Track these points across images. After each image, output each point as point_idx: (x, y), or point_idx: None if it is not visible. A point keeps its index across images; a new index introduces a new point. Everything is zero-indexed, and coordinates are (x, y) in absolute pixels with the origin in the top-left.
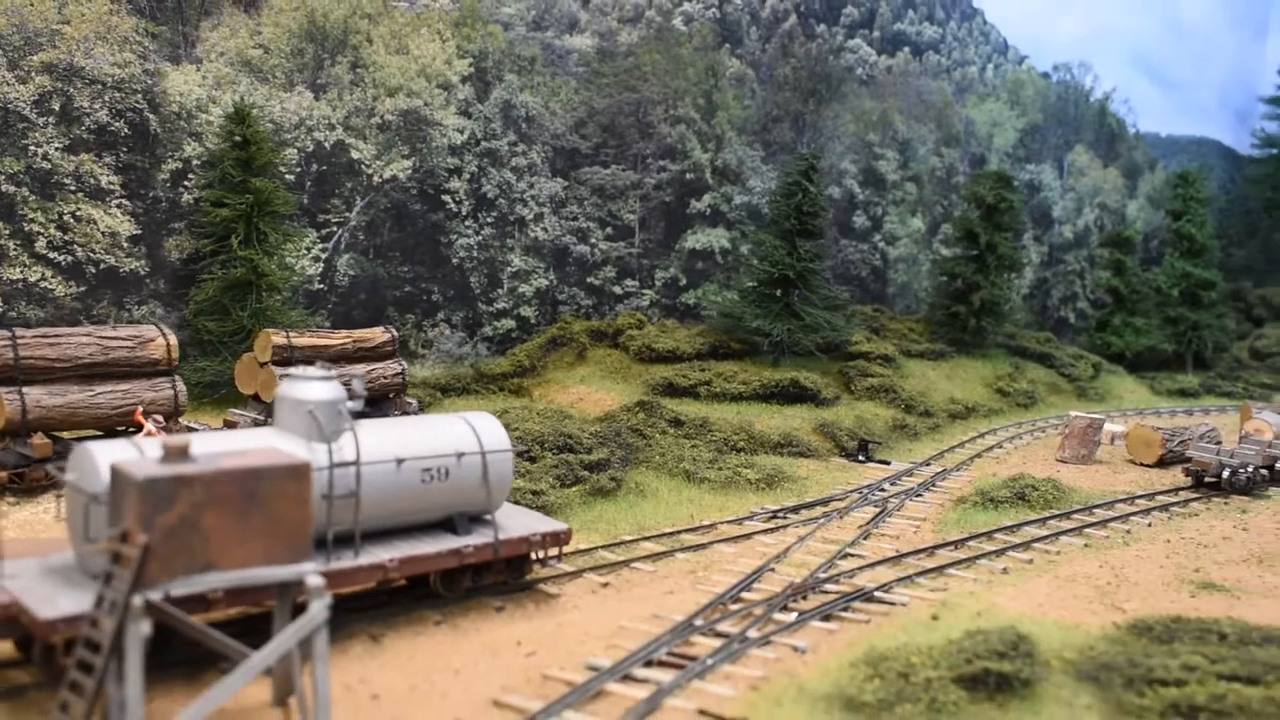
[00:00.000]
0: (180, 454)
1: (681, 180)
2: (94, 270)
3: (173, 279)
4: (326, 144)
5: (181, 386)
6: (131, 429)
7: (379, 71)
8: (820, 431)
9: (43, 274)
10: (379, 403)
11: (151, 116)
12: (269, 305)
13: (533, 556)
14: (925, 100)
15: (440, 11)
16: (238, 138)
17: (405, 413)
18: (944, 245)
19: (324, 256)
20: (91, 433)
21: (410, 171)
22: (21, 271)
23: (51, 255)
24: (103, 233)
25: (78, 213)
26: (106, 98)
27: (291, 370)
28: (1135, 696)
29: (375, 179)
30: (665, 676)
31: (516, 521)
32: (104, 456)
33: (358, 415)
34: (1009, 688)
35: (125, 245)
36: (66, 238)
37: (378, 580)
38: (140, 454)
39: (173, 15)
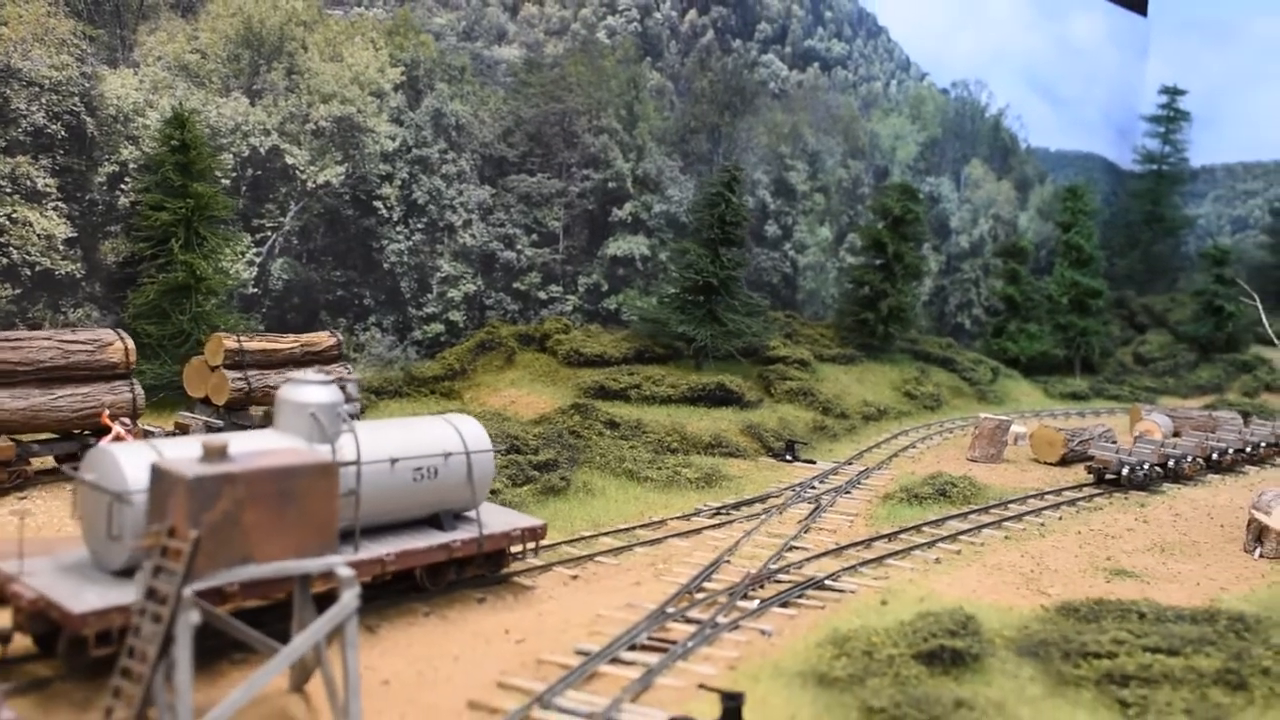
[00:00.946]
0: (220, 453)
1: (604, 189)
2: (29, 273)
3: (109, 282)
4: (261, 149)
5: (139, 390)
6: (90, 433)
7: (313, 78)
8: (747, 433)
9: None
10: None
11: (89, 119)
12: (207, 309)
13: (510, 551)
14: (833, 114)
15: (374, 20)
16: (176, 142)
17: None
18: (850, 254)
19: (258, 261)
20: (48, 436)
21: (343, 177)
22: None
23: None
24: (38, 235)
25: (13, 215)
26: (44, 100)
27: (292, 375)
28: (1072, 668)
29: (309, 184)
30: (651, 659)
31: (496, 518)
32: (125, 458)
33: None
34: (961, 662)
35: (61, 248)
36: (1, 240)
37: (374, 574)
38: (159, 454)
39: (110, 19)
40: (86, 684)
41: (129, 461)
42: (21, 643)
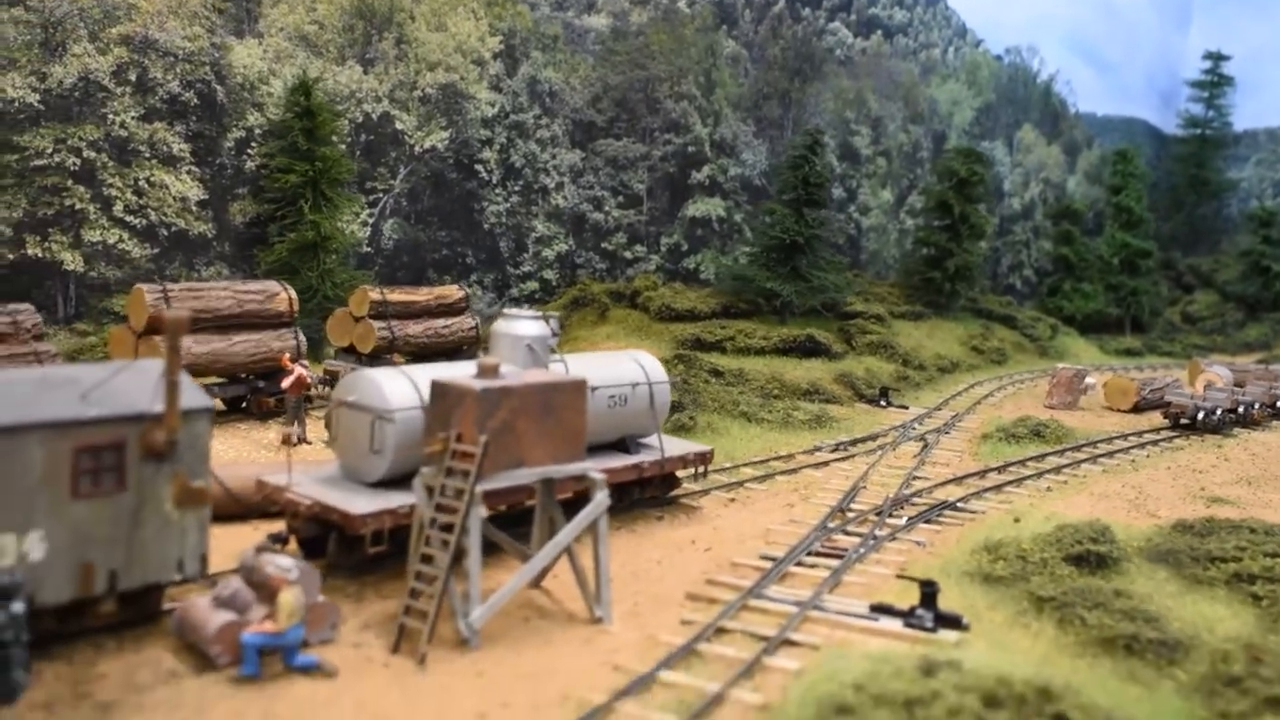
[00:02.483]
0: (493, 371)
1: (684, 153)
2: (166, 233)
3: (237, 241)
4: (374, 115)
5: (302, 336)
6: (256, 377)
7: (420, 47)
8: (840, 381)
9: (120, 236)
10: (453, 353)
11: (218, 87)
12: (331, 266)
13: (679, 474)
14: (895, 80)
15: None
16: (300, 108)
17: None
18: (909, 215)
19: (371, 221)
20: (215, 380)
21: (447, 142)
22: (101, 234)
23: (128, 219)
24: (174, 197)
25: (151, 178)
26: (178, 69)
27: (506, 311)
28: (1201, 570)
29: (416, 149)
30: (830, 563)
31: (671, 444)
32: (386, 381)
33: None
34: (1105, 565)
35: (194, 209)
36: (141, 202)
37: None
38: (409, 379)
39: None
40: (354, 579)
41: (389, 385)
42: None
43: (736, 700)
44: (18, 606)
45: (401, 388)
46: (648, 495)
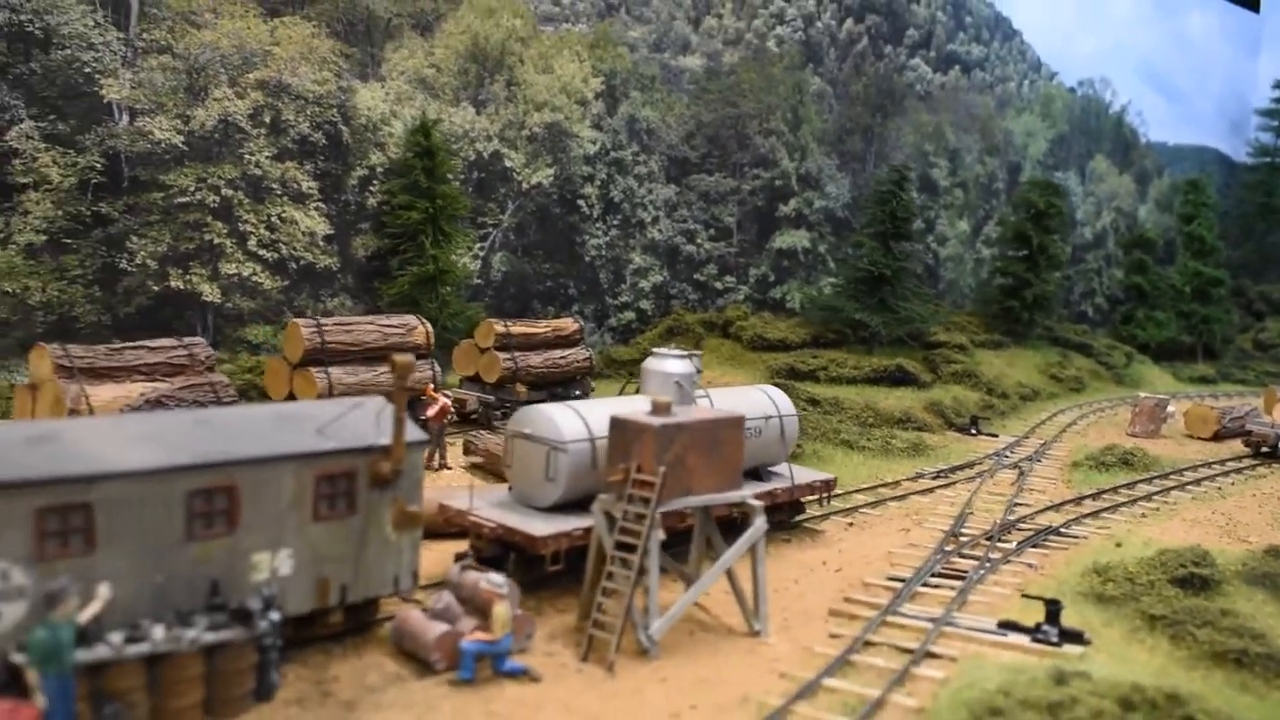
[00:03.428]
0: (666, 409)
1: (771, 186)
2: (295, 266)
3: (359, 274)
4: (485, 154)
5: (438, 367)
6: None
7: (528, 89)
8: (930, 410)
9: (254, 269)
10: (569, 383)
11: (344, 128)
12: (448, 297)
13: (804, 501)
14: (972, 113)
15: (579, 35)
16: (421, 147)
17: (585, 393)
18: (985, 245)
19: (481, 254)
20: None
21: (552, 178)
22: (237, 267)
23: (261, 253)
24: (303, 232)
25: (282, 214)
26: (308, 112)
27: (655, 350)
28: None
29: (524, 185)
30: (953, 583)
31: (798, 472)
32: (559, 416)
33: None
34: (1207, 586)
35: (321, 244)
36: (273, 237)
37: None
38: (578, 414)
39: (362, 38)
40: (532, 595)
41: (562, 419)
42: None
43: (895, 704)
44: (275, 615)
45: (573, 422)
46: (776, 520)
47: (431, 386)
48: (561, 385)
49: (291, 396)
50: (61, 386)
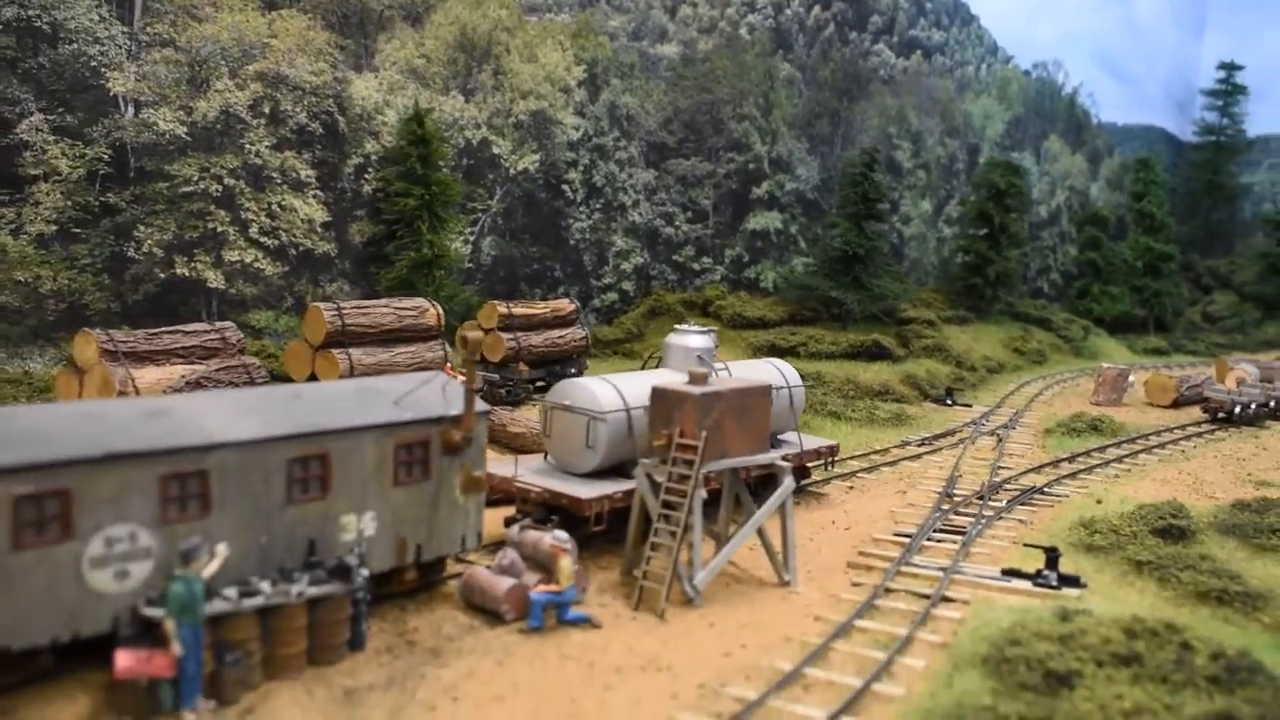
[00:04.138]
0: (703, 379)
1: (745, 170)
2: (295, 252)
3: (356, 259)
4: (474, 141)
5: (449, 348)
6: None
7: (515, 77)
8: (906, 382)
9: (255, 256)
10: (566, 361)
11: (340, 118)
12: (442, 281)
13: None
14: (933, 97)
15: (561, 24)
16: (416, 136)
17: (580, 370)
18: (946, 224)
19: (471, 239)
20: None
21: (538, 164)
22: (239, 254)
23: (262, 239)
24: (302, 220)
25: (282, 202)
26: (305, 102)
27: (677, 327)
28: (1265, 540)
29: (511, 171)
30: (954, 538)
31: (805, 439)
32: (597, 388)
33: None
34: (1184, 536)
35: (319, 230)
36: (274, 224)
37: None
38: (614, 386)
39: (356, 30)
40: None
41: (600, 391)
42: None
43: (922, 640)
44: (365, 572)
45: (610, 394)
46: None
47: (450, 366)
48: (559, 363)
49: (313, 377)
50: (109, 369)
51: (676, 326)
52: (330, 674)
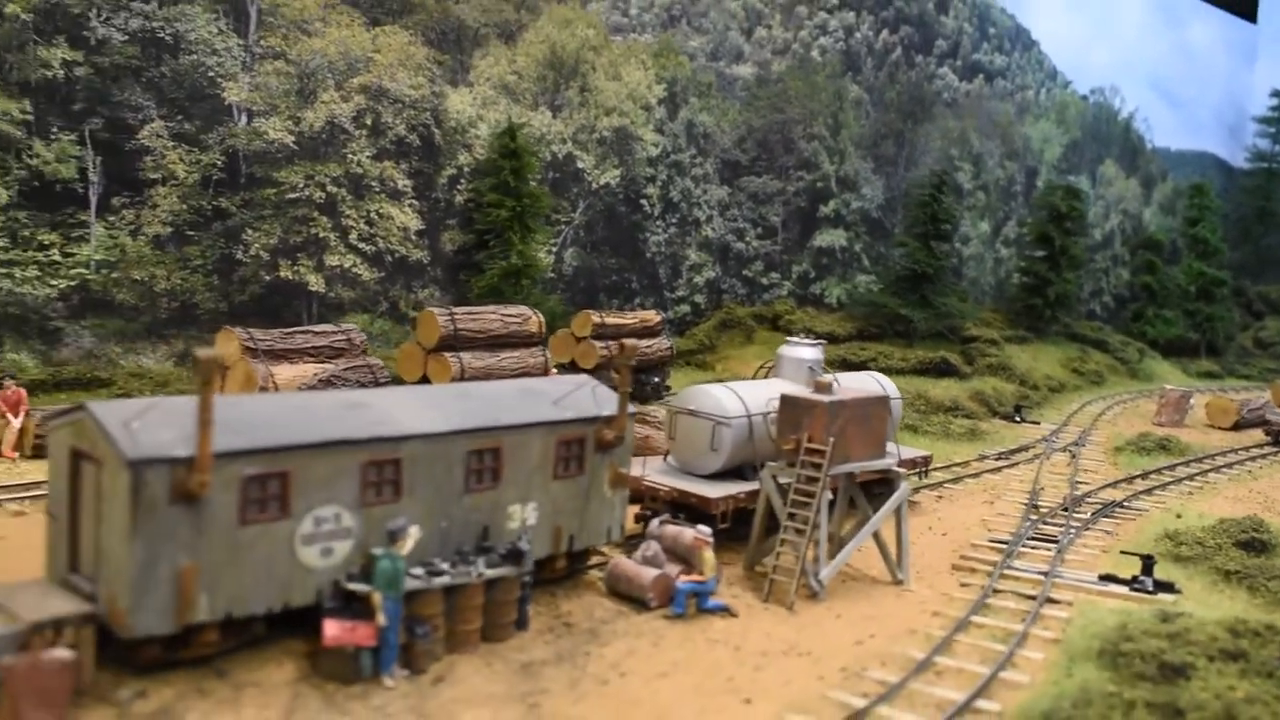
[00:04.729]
0: (829, 388)
1: (813, 188)
2: (390, 258)
3: (447, 267)
4: (560, 155)
5: (549, 353)
6: None
7: (599, 95)
8: (975, 399)
9: (354, 261)
10: (652, 370)
11: (436, 130)
12: (530, 291)
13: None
14: (993, 120)
15: (644, 44)
16: (508, 150)
17: (664, 380)
18: (1004, 245)
19: (554, 250)
20: None
21: (618, 179)
22: (339, 259)
23: (361, 246)
24: (398, 228)
25: (380, 210)
26: (404, 114)
27: (789, 339)
28: None
29: (593, 185)
30: (1048, 545)
31: (900, 450)
32: (722, 395)
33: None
34: (1265, 548)
35: (413, 238)
36: (372, 231)
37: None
38: (736, 394)
39: (453, 46)
40: None
41: (725, 398)
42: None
43: (1036, 635)
44: (531, 559)
45: (734, 400)
46: (882, 492)
47: (555, 370)
48: (645, 372)
49: (425, 379)
50: (252, 366)
51: (788, 339)
52: (502, 650)
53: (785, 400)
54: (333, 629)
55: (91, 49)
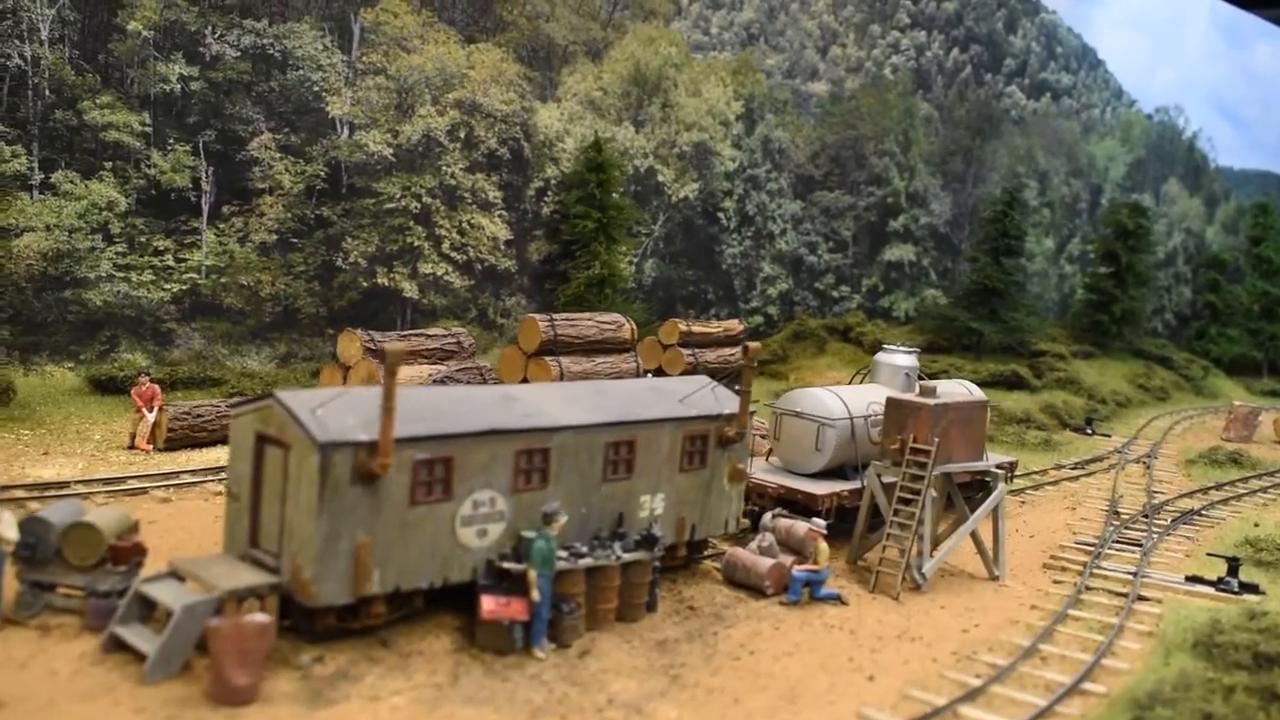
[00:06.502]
0: (933, 392)
1: (883, 203)
2: (480, 267)
3: (533, 276)
4: (642, 169)
5: (640, 359)
6: None
7: (680, 110)
8: (1045, 411)
9: (446, 269)
10: (731, 377)
11: (525, 144)
12: (614, 299)
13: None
14: (1059, 138)
15: (724, 62)
16: (595, 163)
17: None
18: (1068, 262)
19: (635, 260)
20: None
21: (697, 193)
22: (432, 267)
23: (453, 255)
24: (488, 237)
25: (471, 221)
26: (496, 129)
27: (886, 346)
28: None
29: (673, 198)
30: (1132, 548)
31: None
32: (826, 398)
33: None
34: None
35: (502, 248)
36: (463, 241)
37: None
38: (838, 397)
39: (543, 63)
40: None
41: (829, 401)
42: None
43: (1131, 629)
44: (663, 545)
45: (836, 403)
46: (971, 495)
47: (649, 374)
48: (729, 379)
49: (525, 382)
50: (375, 365)
51: (885, 346)
52: (636, 629)
53: (891, 402)
54: (489, 604)
55: (206, 64)
